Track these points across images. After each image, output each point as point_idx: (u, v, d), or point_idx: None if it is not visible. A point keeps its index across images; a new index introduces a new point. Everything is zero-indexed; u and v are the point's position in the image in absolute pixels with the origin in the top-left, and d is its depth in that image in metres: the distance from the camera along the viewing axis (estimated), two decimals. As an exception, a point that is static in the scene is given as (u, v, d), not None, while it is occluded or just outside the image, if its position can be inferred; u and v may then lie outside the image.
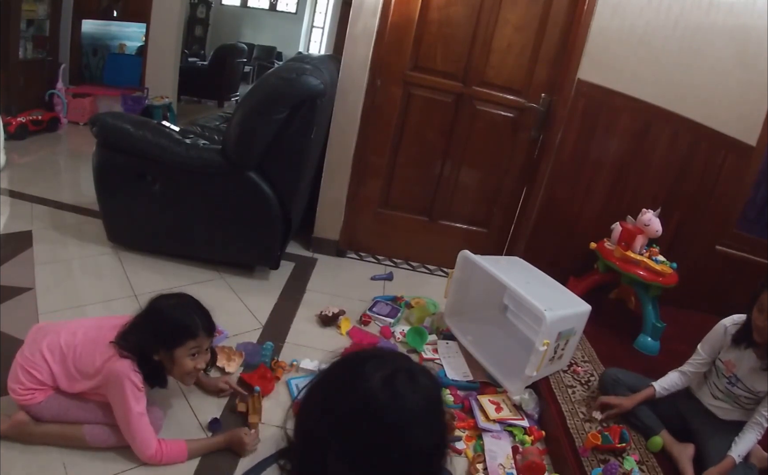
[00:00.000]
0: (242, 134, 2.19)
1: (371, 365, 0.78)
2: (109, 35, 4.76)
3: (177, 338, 1.41)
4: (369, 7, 2.53)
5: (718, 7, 2.52)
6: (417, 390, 0.77)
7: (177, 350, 1.41)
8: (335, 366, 0.83)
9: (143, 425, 1.39)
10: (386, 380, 0.75)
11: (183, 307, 1.45)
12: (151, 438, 1.41)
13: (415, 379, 0.78)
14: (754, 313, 1.60)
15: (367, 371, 0.77)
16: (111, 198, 2.40)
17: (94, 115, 2.47)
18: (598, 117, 2.69)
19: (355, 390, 0.76)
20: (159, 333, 1.41)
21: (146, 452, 1.40)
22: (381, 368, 0.77)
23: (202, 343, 1.45)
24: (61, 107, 4.36)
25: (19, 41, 3.97)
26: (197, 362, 1.45)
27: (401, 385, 0.76)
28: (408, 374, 0.78)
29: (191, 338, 1.42)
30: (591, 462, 1.64)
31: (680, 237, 2.87)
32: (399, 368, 0.78)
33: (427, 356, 2.20)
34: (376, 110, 2.74)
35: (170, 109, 4.70)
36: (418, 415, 0.76)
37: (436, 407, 0.80)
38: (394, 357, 0.83)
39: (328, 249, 2.97)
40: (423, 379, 0.79)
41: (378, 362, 0.79)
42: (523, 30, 2.64)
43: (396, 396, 0.75)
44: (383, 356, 0.82)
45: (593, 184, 2.82)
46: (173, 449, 1.44)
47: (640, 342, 2.41)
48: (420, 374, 0.80)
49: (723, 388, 1.70)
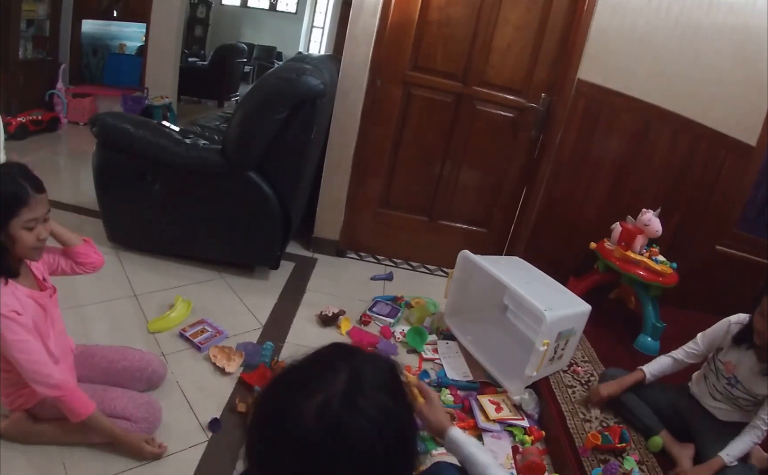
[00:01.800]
0: (242, 134, 2.19)
1: (299, 394, 0.67)
2: (109, 35, 4.76)
3: (7, 210, 1.23)
4: (369, 7, 2.53)
5: (718, 6, 2.52)
6: (363, 409, 0.66)
7: (11, 225, 1.24)
8: (262, 401, 0.71)
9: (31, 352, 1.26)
10: (323, 408, 0.64)
11: (5, 174, 1.26)
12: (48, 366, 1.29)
13: (359, 393, 0.67)
14: (756, 316, 1.59)
15: (296, 403, 0.66)
16: (111, 198, 2.40)
17: (94, 115, 2.47)
18: (598, 117, 2.69)
19: (287, 434, 0.65)
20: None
21: (49, 381, 1.28)
22: (312, 393, 0.66)
23: (37, 209, 1.27)
24: (61, 107, 4.36)
25: (19, 41, 3.97)
26: (39, 232, 1.29)
27: (343, 408, 0.64)
28: (350, 389, 0.66)
29: (23, 205, 1.24)
30: (591, 462, 1.64)
31: (680, 237, 2.87)
32: (335, 388, 0.66)
33: (427, 356, 2.20)
34: (376, 110, 2.74)
35: (170, 109, 4.69)
36: (369, 434, 0.65)
37: (390, 411, 0.69)
38: (330, 368, 0.70)
39: (328, 249, 2.97)
40: (369, 391, 0.68)
41: (309, 386, 0.67)
42: (523, 30, 2.64)
43: (338, 426, 0.64)
44: (314, 377, 0.69)
45: (593, 184, 2.82)
46: (80, 396, 1.34)
47: (640, 342, 2.41)
48: (365, 382, 0.68)
49: (722, 389, 1.70)
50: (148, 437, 1.47)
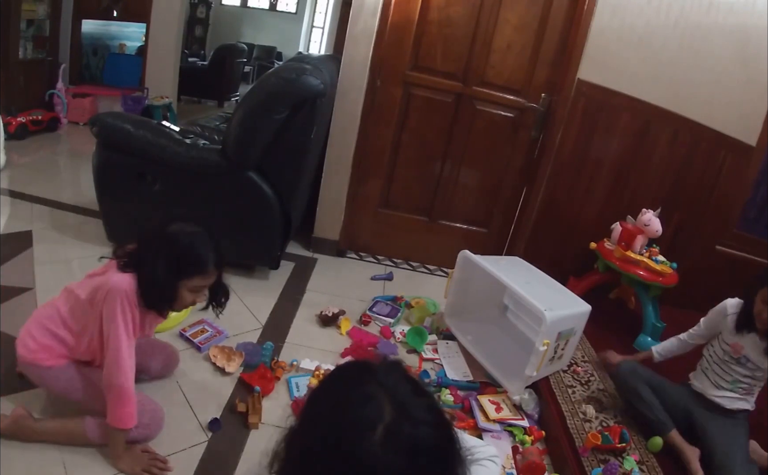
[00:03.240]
0: (242, 134, 2.19)
1: (363, 413, 0.68)
2: (109, 35, 4.75)
3: (186, 269, 1.35)
4: (369, 7, 2.53)
5: (718, 7, 2.52)
6: (418, 417, 0.69)
7: (182, 282, 1.36)
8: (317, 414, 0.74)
9: (129, 354, 1.33)
10: (388, 436, 0.66)
11: (200, 240, 1.38)
12: (131, 374, 1.34)
13: (406, 407, 0.69)
14: (758, 304, 1.63)
15: (360, 428, 0.67)
16: (111, 198, 2.40)
17: (94, 115, 2.47)
18: (598, 117, 2.69)
19: (352, 459, 0.66)
20: (170, 260, 1.33)
21: (125, 383, 1.33)
22: (376, 415, 0.67)
23: (207, 280, 1.41)
24: (61, 107, 4.36)
25: (19, 41, 3.97)
26: (197, 297, 1.41)
27: (406, 434, 0.67)
28: (397, 407, 0.69)
29: (200, 273, 1.37)
30: (591, 462, 1.64)
31: (680, 237, 2.88)
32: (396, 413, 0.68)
33: (427, 356, 2.20)
34: (376, 110, 2.74)
35: (170, 109, 4.69)
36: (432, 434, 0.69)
37: (431, 405, 0.73)
38: (386, 388, 0.71)
39: (328, 249, 2.97)
40: (408, 398, 0.71)
41: (370, 406, 0.69)
42: (523, 30, 2.64)
43: (402, 452, 0.66)
44: (374, 394, 0.70)
45: (593, 184, 2.82)
46: (133, 408, 1.36)
47: (640, 342, 2.41)
48: (400, 394, 0.71)
49: (729, 372, 1.72)
50: (147, 447, 1.45)
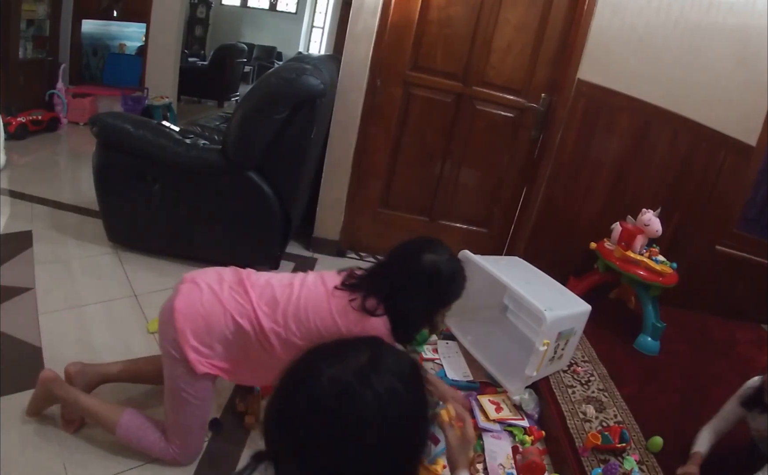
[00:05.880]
0: (242, 134, 2.19)
1: (323, 363, 0.73)
2: (109, 35, 4.75)
3: (450, 299, 1.35)
4: (369, 7, 2.53)
5: (718, 7, 2.52)
6: (373, 385, 0.70)
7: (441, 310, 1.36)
8: (291, 365, 0.77)
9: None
10: (336, 376, 0.70)
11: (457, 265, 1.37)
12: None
13: (374, 372, 0.71)
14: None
15: (318, 368, 0.72)
16: (111, 198, 2.40)
17: (94, 115, 2.47)
18: (598, 117, 2.69)
19: (302, 389, 0.72)
20: (431, 294, 1.32)
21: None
22: (334, 363, 0.72)
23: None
24: (61, 107, 4.36)
25: (19, 41, 3.96)
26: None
27: (355, 379, 0.70)
28: (367, 366, 0.72)
29: (456, 299, 1.37)
30: (591, 462, 1.64)
31: (680, 237, 2.87)
32: (355, 363, 0.72)
33: (427, 356, 2.20)
34: (376, 110, 2.74)
35: (170, 109, 4.69)
36: (373, 409, 0.69)
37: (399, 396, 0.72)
38: (357, 349, 0.76)
39: (328, 249, 2.96)
40: (384, 373, 0.72)
41: (333, 358, 0.74)
42: (523, 30, 2.64)
43: (346, 393, 0.69)
44: (340, 353, 0.76)
45: (593, 184, 2.82)
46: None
47: (640, 342, 2.40)
48: (383, 365, 0.73)
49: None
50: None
